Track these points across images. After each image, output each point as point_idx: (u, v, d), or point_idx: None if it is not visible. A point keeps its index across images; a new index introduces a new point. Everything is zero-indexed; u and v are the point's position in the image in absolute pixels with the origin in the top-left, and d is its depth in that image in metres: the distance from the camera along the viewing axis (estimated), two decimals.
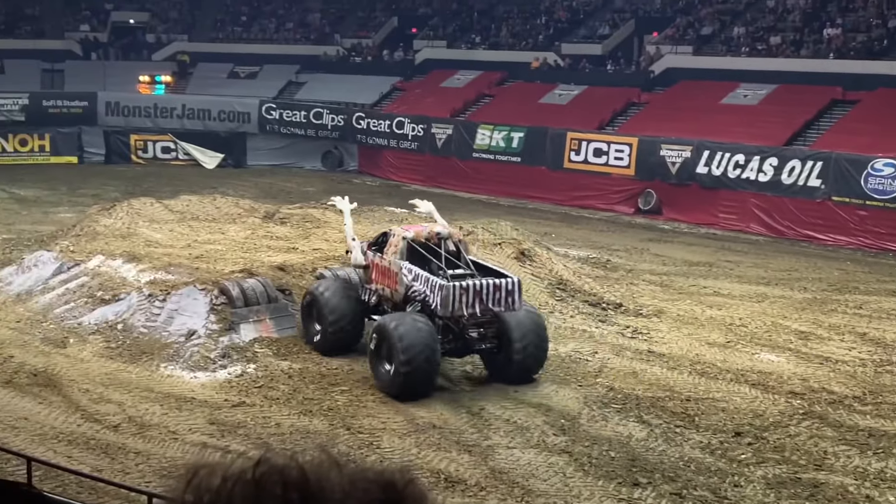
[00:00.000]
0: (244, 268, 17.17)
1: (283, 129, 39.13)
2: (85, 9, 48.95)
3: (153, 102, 40.73)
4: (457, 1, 46.44)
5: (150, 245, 19.77)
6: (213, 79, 43.82)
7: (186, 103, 40.48)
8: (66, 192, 32.08)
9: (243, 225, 22.56)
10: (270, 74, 43.65)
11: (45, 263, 18.83)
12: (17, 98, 38.91)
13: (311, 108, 38.90)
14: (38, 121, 38.74)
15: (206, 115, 40.12)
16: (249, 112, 39.67)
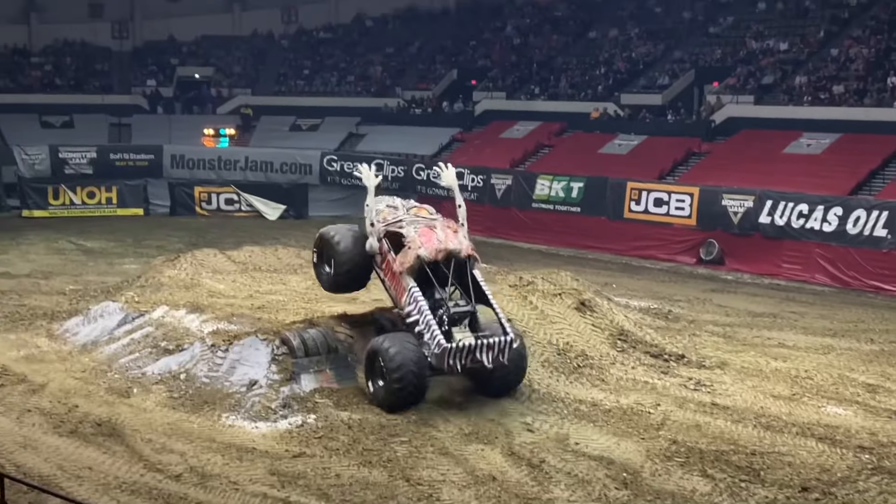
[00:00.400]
0: (305, 318, 17.29)
1: (344, 181, 39.53)
2: (152, 64, 50.21)
3: (217, 155, 41.47)
4: (516, 53, 46.78)
5: (213, 295, 20.01)
6: (276, 131, 44.55)
7: (249, 155, 41.17)
8: (131, 244, 32.65)
9: (304, 275, 22.73)
10: (332, 126, 44.24)
11: (111, 314, 19.12)
12: (85, 152, 39.92)
13: (372, 160, 39.23)
14: (106, 174, 39.65)
15: (268, 167, 40.74)
16: (311, 164, 40.19)
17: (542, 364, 16.76)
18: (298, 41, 52.18)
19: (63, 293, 23.71)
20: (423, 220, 16.29)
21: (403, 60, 49.88)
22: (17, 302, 22.66)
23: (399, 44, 50.93)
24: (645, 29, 44.12)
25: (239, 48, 51.95)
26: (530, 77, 44.40)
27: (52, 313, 21.26)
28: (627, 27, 44.94)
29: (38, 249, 31.09)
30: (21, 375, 16.66)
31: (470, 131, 42.04)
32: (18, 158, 39.17)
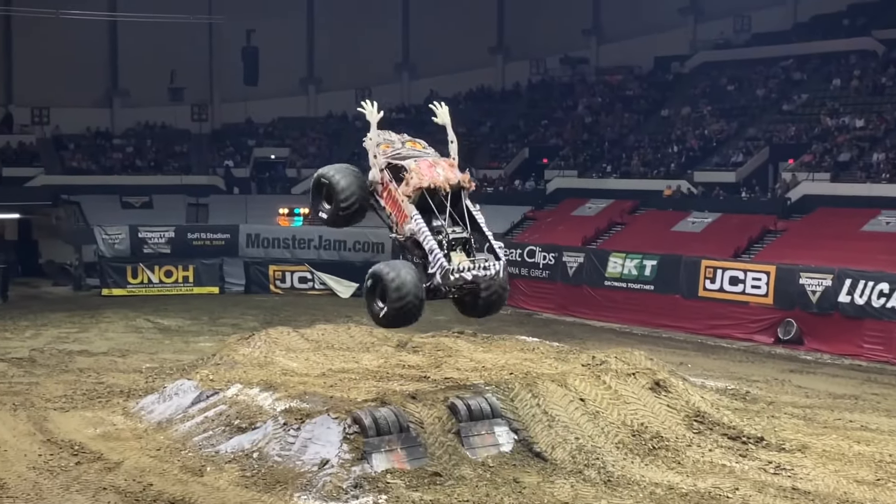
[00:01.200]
0: (377, 396, 17.30)
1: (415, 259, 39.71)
2: (229, 145, 51.43)
3: (291, 234, 42.04)
4: (587, 131, 47.01)
5: (286, 374, 20.14)
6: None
7: (323, 234, 41.61)
8: (207, 322, 33.13)
9: (376, 354, 22.81)
10: None
11: (186, 392, 19.34)
12: (164, 231, 40.74)
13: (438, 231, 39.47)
14: (183, 253, 40.41)
15: (341, 245, 41.17)
16: (383, 242, 40.45)
17: (616, 446, 16.51)
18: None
19: (139, 371, 24.09)
20: (421, 154, 17.69)
21: (475, 140, 50.40)
22: (94, 379, 23.07)
23: (471, 123, 51.53)
24: (717, 107, 44.10)
25: (314, 129, 53.02)
26: (602, 155, 44.52)
27: (128, 391, 21.60)
28: (700, 105, 44.96)
29: (116, 327, 31.71)
30: (97, 453, 16.88)
31: (541, 209, 42.16)
32: (99, 238, 40.08)
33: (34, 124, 49.20)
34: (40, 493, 15.04)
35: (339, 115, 53.76)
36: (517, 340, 24.72)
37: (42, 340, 28.93)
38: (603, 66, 52.18)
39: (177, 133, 51.41)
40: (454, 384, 18.33)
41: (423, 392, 17.57)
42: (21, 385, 22.57)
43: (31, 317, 33.33)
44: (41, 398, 21.08)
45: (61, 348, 27.53)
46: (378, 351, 23.22)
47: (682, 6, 50.93)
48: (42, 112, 49.47)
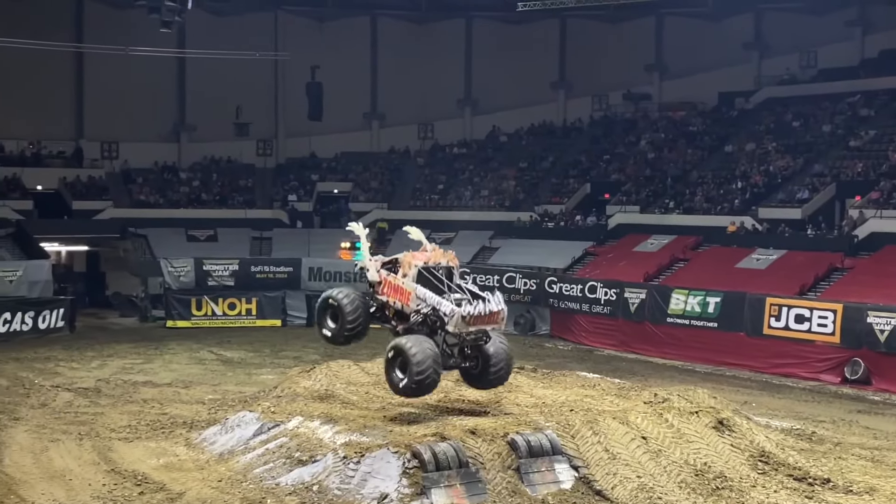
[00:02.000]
0: (436, 431, 17.27)
1: None
2: (293, 180, 52.03)
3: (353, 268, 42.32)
4: (650, 167, 46.79)
5: (346, 407, 20.22)
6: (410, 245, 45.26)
7: None
8: (269, 354, 33.40)
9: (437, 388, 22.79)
10: (465, 240, 44.80)
11: (247, 424, 19.49)
12: (228, 264, 41.28)
13: (504, 273, 39.49)
14: (247, 286, 40.83)
15: None
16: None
17: (679, 485, 16.29)
18: (433, 156, 53.45)
19: (202, 402, 24.33)
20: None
21: (537, 175, 50.44)
22: (158, 410, 23.35)
23: (532, 158, 51.59)
24: (783, 143, 43.66)
25: (376, 164, 53.48)
26: (664, 191, 44.26)
27: (191, 422, 21.81)
28: (764, 141, 44.55)
29: (180, 359, 32.10)
30: (160, 483, 17.06)
31: (603, 245, 41.99)
32: (165, 271, 40.71)
33: (104, 158, 50.27)
34: None
35: (402, 150, 54.18)
36: (578, 376, 24.54)
37: (108, 371, 29.38)
38: (666, 102, 52.02)
39: (242, 167, 52.18)
40: (514, 420, 18.24)
41: (482, 427, 17.50)
42: (86, 415, 22.92)
43: (97, 347, 33.89)
44: (106, 428, 21.38)
45: (126, 379, 27.93)
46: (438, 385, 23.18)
47: (746, 41, 50.65)
48: (111, 147, 50.53)
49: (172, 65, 50.32)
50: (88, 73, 49.79)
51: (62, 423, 22.01)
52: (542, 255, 41.51)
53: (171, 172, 51.10)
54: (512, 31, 53.94)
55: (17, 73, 46.11)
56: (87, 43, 47.32)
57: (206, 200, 49.37)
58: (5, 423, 21.93)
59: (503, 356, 18.73)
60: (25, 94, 46.90)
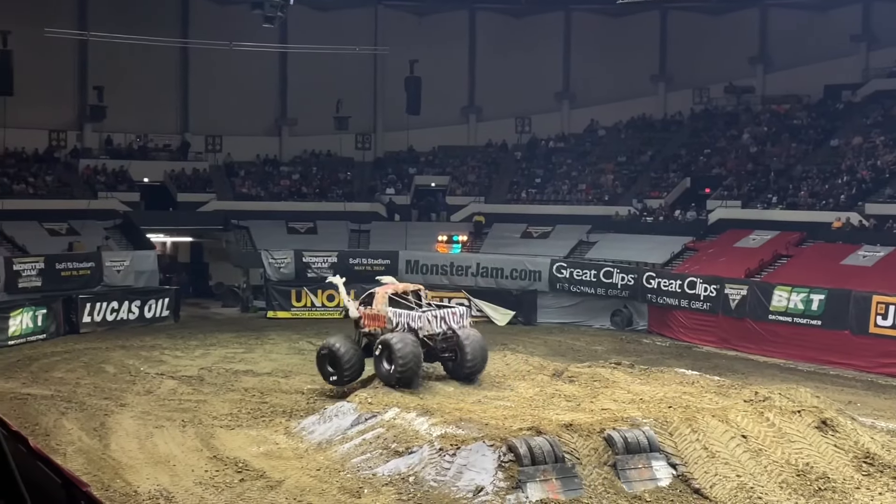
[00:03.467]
0: (532, 425, 17.24)
1: (573, 288, 39.55)
2: (391, 173, 52.38)
3: (449, 261, 42.46)
4: (752, 161, 45.87)
5: (442, 399, 20.31)
6: (507, 238, 45.29)
7: (480, 262, 41.90)
8: None
9: (532, 382, 22.77)
10: (562, 234, 44.57)
11: (345, 414, 19.73)
12: (327, 256, 41.84)
13: (602, 267, 39.17)
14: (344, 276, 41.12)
15: (498, 273, 41.30)
16: (540, 270, 40.45)
17: (780, 485, 15.97)
18: (531, 150, 53.24)
19: (301, 392, 24.70)
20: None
21: (635, 169, 49.88)
22: (258, 399, 23.78)
23: (631, 152, 51.04)
24: (891, 137, 42.35)
25: (473, 157, 53.50)
26: (767, 186, 43.34)
27: (290, 411, 22.18)
28: (872, 135, 43.29)
29: (280, 349, 32.61)
30: (260, 471, 17.38)
31: (703, 240, 41.31)
32: (266, 262, 41.38)
33: (207, 152, 51.31)
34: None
35: (499, 143, 54.10)
36: (676, 373, 24.25)
37: (210, 360, 30.01)
38: (769, 95, 50.88)
39: (341, 161, 52.72)
40: (611, 416, 18.10)
41: (578, 422, 17.42)
42: (190, 402, 23.48)
43: (200, 336, 34.64)
44: (208, 415, 21.87)
45: (228, 368, 28.50)
46: (534, 379, 23.16)
47: (854, 33, 49.23)
48: (215, 140, 51.58)
49: (274, 60, 51.11)
50: (193, 68, 50.90)
51: (166, 409, 22.59)
52: (640, 249, 41.06)
53: (273, 165, 51.91)
54: (611, 24, 53.39)
55: (127, 69, 47.39)
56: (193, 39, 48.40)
57: (306, 193, 50.02)
58: (112, 409, 22.60)
59: (478, 351, 22.60)
60: (134, 90, 48.12)
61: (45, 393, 24.34)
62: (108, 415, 21.98)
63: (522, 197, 49.25)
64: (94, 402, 23.37)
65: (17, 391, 24.44)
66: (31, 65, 42.90)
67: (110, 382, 25.92)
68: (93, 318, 35.79)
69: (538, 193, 49.36)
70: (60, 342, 32.79)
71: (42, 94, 45.34)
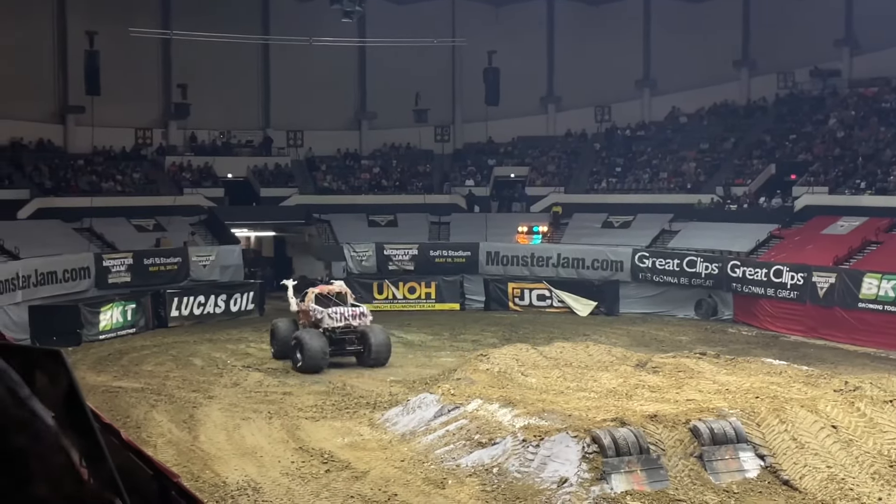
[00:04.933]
0: (616, 416, 17.12)
1: (656, 278, 39.15)
2: (470, 165, 52.40)
3: (530, 252, 42.35)
4: (839, 146, 44.86)
5: (525, 390, 20.29)
6: (587, 228, 44.98)
7: (561, 252, 41.73)
8: (448, 338, 33.82)
9: (615, 373, 22.60)
10: (644, 223, 44.13)
11: (428, 405, 19.82)
12: (407, 249, 42.08)
13: (685, 257, 38.71)
14: (426, 270, 41.51)
15: (579, 263, 41.08)
16: (622, 260, 40.13)
17: (872, 476, 15.62)
18: (611, 139, 52.81)
19: (385, 382, 24.90)
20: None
21: (718, 156, 49.13)
22: (343, 391, 24.03)
23: (714, 139, 50.28)
24: None
25: (553, 147, 53.26)
26: (855, 171, 42.32)
27: (374, 403, 22.37)
28: None
29: None
30: (345, 462, 17.56)
31: (789, 227, 40.53)
32: (348, 255, 41.81)
33: (289, 147, 51.97)
34: (292, 499, 15.80)
35: (578, 133, 53.76)
36: (763, 363, 23.86)
37: None
38: (856, 78, 49.64)
39: (420, 153, 52.93)
40: (696, 406, 17.88)
41: (663, 413, 17.24)
42: (275, 394, 23.83)
43: None
44: (294, 407, 22.17)
45: None
46: (617, 370, 22.99)
47: None
48: (296, 135, 52.20)
49: (353, 54, 51.49)
50: (274, 64, 51.56)
51: (253, 401, 22.96)
52: (724, 238, 40.44)
53: (353, 159, 52.35)
54: (692, 9, 52.61)
55: (209, 66, 48.22)
56: (273, 35, 49.01)
57: (386, 186, 50.35)
58: (200, 401, 23.04)
59: (381, 345, 27.46)
60: (216, 87, 48.96)
61: (136, 386, 24.92)
62: (197, 407, 22.42)
63: (602, 186, 48.87)
64: (182, 394, 23.86)
65: (109, 384, 25.06)
66: (117, 64, 43.87)
67: (198, 375, 26.43)
68: (180, 313, 36.51)
69: (618, 182, 48.93)
70: (149, 336, 33.53)
71: (128, 92, 46.34)
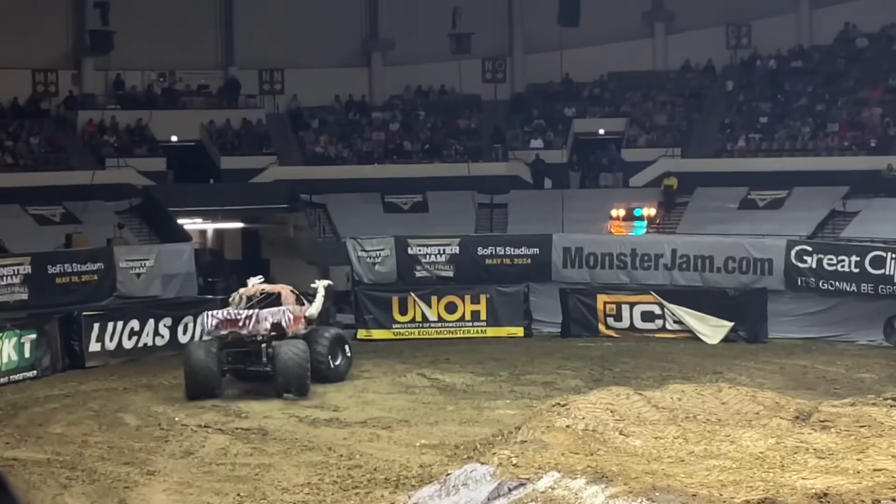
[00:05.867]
0: (766, 497, 17.02)
1: (824, 284, 38.83)
2: (537, 117, 52.09)
3: (630, 247, 41.90)
4: None
5: (625, 457, 20.22)
6: (717, 210, 44.82)
7: (677, 247, 41.31)
8: (506, 379, 33.70)
9: (763, 430, 22.47)
10: (804, 201, 43.92)
11: (479, 482, 19.77)
12: (444, 245, 40.82)
13: (868, 251, 38.36)
14: (473, 276, 40.73)
15: (705, 263, 40.73)
16: (771, 258, 39.80)
17: None
18: (751, 75, 52.56)
19: (412, 448, 24.87)
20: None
21: None
22: (350, 462, 24.03)
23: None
24: None
25: (663, 89, 53.11)
26: None
27: (396, 479, 22.35)
28: None
29: (378, 386, 32.83)
30: None
31: None
32: (353, 256, 41.10)
33: (263, 94, 51.99)
34: None
35: (702, 66, 53.62)
36: None
37: (276, 404, 30.42)
38: None
39: (462, 101, 52.91)
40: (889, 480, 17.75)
41: (838, 490, 17.13)
42: (248, 468, 23.85)
43: None
44: (276, 488, 22.18)
45: (303, 416, 28.84)
46: (766, 426, 22.86)
47: None
48: (273, 76, 52.30)
49: None
50: None
51: (214, 479, 23.00)
52: None
53: (360, 111, 52.37)
54: None
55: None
56: None
57: (410, 152, 50.35)
58: (135, 478, 23.10)
59: (291, 364, 29.91)
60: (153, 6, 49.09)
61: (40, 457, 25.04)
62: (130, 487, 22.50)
63: (740, 146, 48.68)
64: (108, 468, 23.94)
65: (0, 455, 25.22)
66: None
67: (132, 440, 26.51)
68: (103, 346, 36.41)
69: (764, 140, 48.74)
70: (58, 381, 33.65)
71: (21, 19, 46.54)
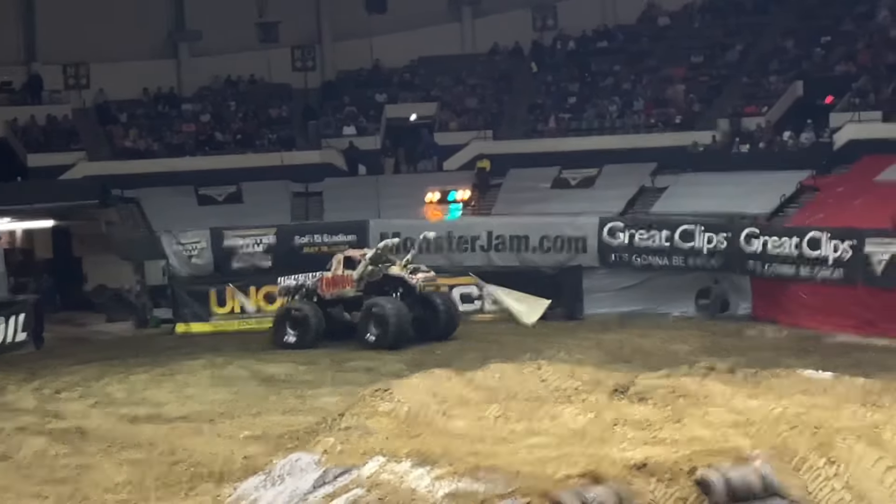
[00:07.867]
0: (587, 470, 17.21)
1: (636, 259, 39.42)
2: (349, 104, 51.98)
3: (446, 230, 42.08)
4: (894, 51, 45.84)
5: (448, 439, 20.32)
6: (531, 190, 45.17)
7: (493, 229, 41.56)
8: (329, 367, 33.63)
9: (582, 405, 22.74)
10: (614, 179, 44.50)
11: (304, 471, 19.69)
12: (261, 235, 40.74)
13: (677, 226, 39.00)
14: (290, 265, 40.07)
15: (521, 244, 41.01)
16: (585, 236, 40.25)
17: None
18: (557, 56, 53.10)
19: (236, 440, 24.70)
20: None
21: (719, 73, 49.83)
22: (172, 458, 23.78)
23: (711, 48, 50.98)
24: None
25: (473, 72, 53.38)
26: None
27: (220, 472, 22.17)
28: None
29: (198, 380, 32.51)
30: None
31: (827, 174, 41.30)
32: (169, 250, 40.72)
33: (69, 88, 51.11)
34: None
35: (510, 48, 54.02)
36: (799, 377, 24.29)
37: (93, 402, 29.96)
38: None
39: (272, 90, 52.63)
40: (704, 448, 18.13)
41: (656, 460, 17.42)
42: (67, 468, 23.46)
43: (76, 368, 34.51)
44: (96, 487, 21.83)
45: (122, 413, 28.46)
46: (585, 401, 23.15)
47: None
48: (79, 71, 51.40)
49: None
50: None
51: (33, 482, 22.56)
52: (733, 195, 41.01)
53: (170, 104, 51.83)
54: None
55: None
56: None
57: (222, 143, 49.92)
58: None
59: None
60: None
61: None
62: None
63: (550, 127, 49.15)
64: None
65: None
66: None
67: None
68: None
69: (573, 120, 49.28)
70: None
71: None
